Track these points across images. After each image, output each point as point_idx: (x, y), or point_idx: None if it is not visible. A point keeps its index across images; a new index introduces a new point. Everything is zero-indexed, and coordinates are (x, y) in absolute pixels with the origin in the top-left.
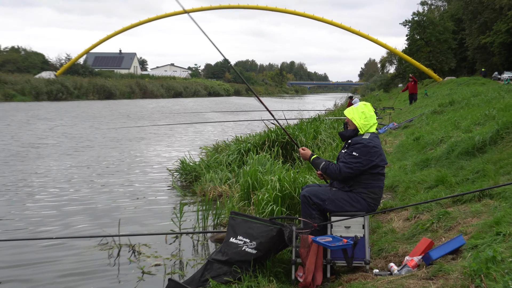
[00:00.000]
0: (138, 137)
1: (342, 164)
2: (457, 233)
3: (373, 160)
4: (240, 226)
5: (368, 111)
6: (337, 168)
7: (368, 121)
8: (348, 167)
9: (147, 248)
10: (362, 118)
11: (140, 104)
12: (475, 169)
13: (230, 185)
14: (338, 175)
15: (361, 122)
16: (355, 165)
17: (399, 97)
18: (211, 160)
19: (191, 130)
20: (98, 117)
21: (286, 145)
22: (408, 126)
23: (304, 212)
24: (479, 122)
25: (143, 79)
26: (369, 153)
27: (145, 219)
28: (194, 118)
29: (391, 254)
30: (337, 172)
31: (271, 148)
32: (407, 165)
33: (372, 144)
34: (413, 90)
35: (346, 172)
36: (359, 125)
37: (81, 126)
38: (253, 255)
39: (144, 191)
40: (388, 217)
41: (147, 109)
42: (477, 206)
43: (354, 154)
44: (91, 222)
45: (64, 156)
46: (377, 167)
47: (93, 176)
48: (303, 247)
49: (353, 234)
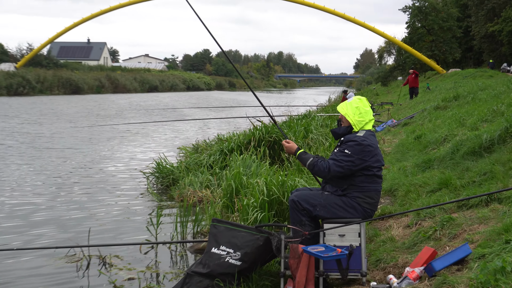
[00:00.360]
0: (108, 137)
1: (332, 161)
2: (463, 241)
3: (366, 160)
4: (222, 235)
5: (363, 106)
6: (326, 165)
7: (363, 117)
8: (338, 165)
9: (119, 260)
10: (356, 114)
11: (110, 99)
12: (482, 171)
13: (211, 190)
14: (326, 174)
15: (355, 118)
16: (346, 164)
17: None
18: (190, 161)
19: (168, 128)
20: (64, 114)
21: (274, 144)
22: (409, 123)
23: (294, 219)
24: (486, 118)
25: (114, 72)
26: (362, 152)
27: (117, 227)
28: (172, 115)
29: (390, 265)
30: (326, 171)
31: (257, 148)
32: (407, 166)
33: (367, 143)
34: (413, 84)
35: (336, 171)
36: (353, 122)
37: (45, 125)
38: (237, 267)
39: (116, 197)
40: (387, 224)
41: (119, 105)
42: (485, 212)
43: (346, 152)
44: (57, 231)
45: (25, 158)
46: (372, 168)
47: (59, 181)
48: (292, 257)
49: (348, 243)
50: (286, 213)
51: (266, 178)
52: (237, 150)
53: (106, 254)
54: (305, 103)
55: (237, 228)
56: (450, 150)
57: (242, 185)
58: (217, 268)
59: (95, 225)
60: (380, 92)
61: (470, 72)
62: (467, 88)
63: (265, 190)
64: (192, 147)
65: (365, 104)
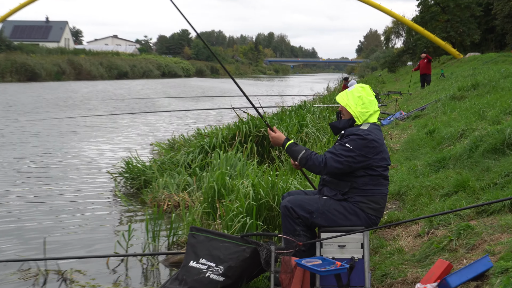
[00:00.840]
0: (70, 131)
1: (330, 155)
2: (483, 253)
3: (369, 158)
4: (202, 246)
5: (366, 95)
6: (321, 159)
7: (367, 108)
8: (336, 160)
9: (81, 275)
10: (358, 104)
11: (72, 87)
12: (505, 171)
13: (190, 193)
14: (322, 169)
15: (357, 109)
16: (345, 159)
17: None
18: (165, 160)
19: (140, 122)
20: (17, 104)
21: (263, 140)
22: (420, 116)
23: (286, 228)
24: (510, 111)
25: (76, 56)
26: (365, 148)
27: (80, 238)
28: (144, 107)
29: (397, 281)
30: (322, 165)
31: (243, 144)
32: (418, 166)
33: (371, 137)
34: (425, 70)
35: (333, 167)
36: (355, 114)
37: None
38: (220, 283)
39: (78, 202)
40: (394, 233)
41: (82, 94)
42: (508, 219)
43: (347, 146)
44: (8, 242)
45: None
46: (377, 168)
47: (10, 184)
48: (284, 272)
49: (349, 256)
50: (277, 220)
51: (253, 179)
52: (220, 146)
53: (67, 269)
54: (300, 93)
55: (220, 238)
56: (468, 147)
57: (225, 188)
58: (196, 285)
59: (53, 235)
60: (387, 80)
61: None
62: (487, 75)
63: (252, 193)
64: (168, 143)
65: (368, 93)
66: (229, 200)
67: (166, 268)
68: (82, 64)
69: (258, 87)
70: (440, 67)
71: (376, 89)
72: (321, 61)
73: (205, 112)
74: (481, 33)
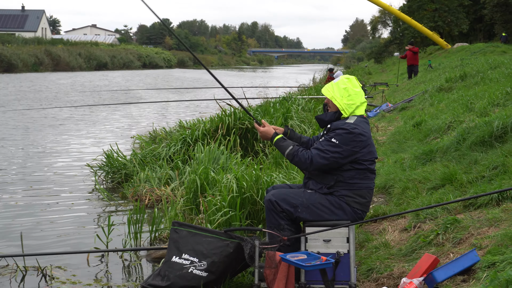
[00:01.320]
0: (48, 124)
1: (316, 152)
2: (470, 247)
3: (357, 152)
4: (185, 241)
5: (352, 87)
6: (308, 156)
7: (353, 100)
8: (322, 157)
9: (62, 271)
10: (344, 96)
11: (50, 78)
12: (493, 164)
13: (172, 187)
14: (308, 166)
15: (343, 102)
16: (332, 156)
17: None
18: (147, 153)
19: (120, 114)
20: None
21: (246, 132)
22: (407, 108)
23: (270, 222)
24: (498, 102)
25: (54, 46)
26: (352, 142)
27: (59, 233)
28: (124, 98)
29: (384, 275)
30: (308, 162)
31: (226, 137)
32: (404, 158)
33: (358, 131)
34: (413, 61)
35: (319, 163)
36: (341, 106)
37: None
38: (203, 279)
39: (58, 197)
40: (380, 227)
41: (60, 85)
42: (495, 212)
43: (333, 141)
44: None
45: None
46: (364, 161)
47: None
48: (269, 267)
49: (334, 250)
50: (261, 215)
51: (236, 173)
52: (203, 139)
53: (46, 265)
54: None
55: (203, 233)
56: (455, 139)
57: (208, 182)
58: (179, 281)
59: (32, 231)
60: (373, 71)
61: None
62: (475, 66)
63: (235, 187)
64: (149, 136)
65: (354, 84)
66: (212, 194)
67: (149, 264)
68: (60, 54)
69: (242, 78)
70: (427, 57)
71: (362, 80)
72: (306, 52)
73: (188, 104)
74: (470, 22)
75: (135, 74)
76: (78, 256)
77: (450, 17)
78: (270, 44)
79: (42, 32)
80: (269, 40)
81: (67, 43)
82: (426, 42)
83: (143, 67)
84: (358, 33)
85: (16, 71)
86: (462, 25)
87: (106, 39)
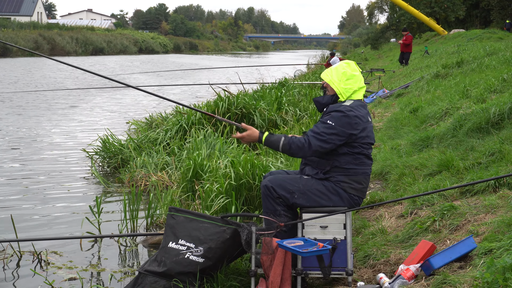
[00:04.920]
0: (43, 108)
1: (312, 134)
2: (466, 234)
3: (352, 134)
4: (182, 227)
5: (351, 71)
6: (304, 140)
7: (351, 84)
8: (320, 139)
9: (57, 257)
10: (342, 80)
11: (46, 63)
12: (490, 151)
13: (168, 172)
14: (307, 150)
15: (341, 86)
16: (329, 137)
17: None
18: (143, 138)
19: (117, 99)
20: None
21: (243, 118)
22: (403, 94)
23: (267, 208)
24: (495, 89)
25: (50, 31)
26: (348, 125)
27: (55, 218)
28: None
29: (380, 262)
30: (306, 146)
31: (221, 122)
32: (401, 145)
33: (354, 114)
34: (406, 49)
35: (318, 146)
36: (338, 90)
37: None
38: (199, 265)
39: (54, 181)
40: (377, 213)
41: (56, 71)
42: (492, 199)
43: (329, 123)
44: None
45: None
46: (361, 145)
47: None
48: (265, 253)
49: (331, 236)
50: (258, 201)
51: (232, 159)
52: (199, 124)
53: (42, 250)
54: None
55: (199, 219)
56: (452, 126)
57: (203, 168)
58: (176, 267)
59: (29, 216)
60: (370, 57)
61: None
62: (472, 53)
63: (232, 173)
64: (146, 121)
65: (353, 68)
66: (208, 180)
67: (145, 249)
68: (56, 39)
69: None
70: (424, 44)
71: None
72: (302, 37)
73: (185, 89)
74: (466, 8)
75: (132, 59)
76: (74, 242)
77: (446, 3)
78: (266, 29)
79: (37, 16)
80: (266, 25)
81: (63, 27)
82: (423, 28)
83: (139, 52)
84: (355, 18)
85: (11, 56)
86: (459, 11)
87: (102, 24)
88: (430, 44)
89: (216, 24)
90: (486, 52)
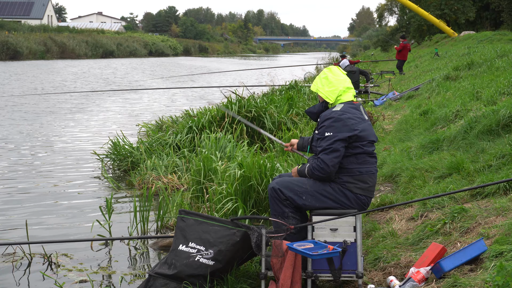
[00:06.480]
0: (55, 111)
1: (322, 154)
2: (477, 236)
3: (353, 131)
4: (192, 230)
5: (332, 75)
6: (320, 161)
7: (334, 85)
8: (329, 152)
9: (68, 259)
10: (325, 85)
11: (57, 66)
12: (501, 153)
13: (179, 175)
14: (327, 169)
15: (325, 90)
16: (335, 146)
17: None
18: (154, 141)
19: (127, 102)
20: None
21: (252, 121)
22: (413, 96)
23: (274, 210)
24: (505, 91)
25: (60, 33)
26: (345, 127)
27: (66, 220)
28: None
29: (391, 265)
30: (323, 167)
31: (232, 125)
32: (411, 147)
33: (347, 116)
34: (398, 56)
35: (331, 159)
36: (324, 95)
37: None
38: (210, 267)
39: (64, 184)
40: (387, 216)
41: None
42: (503, 202)
43: (328, 135)
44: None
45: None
46: (362, 145)
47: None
48: (275, 256)
49: (341, 239)
50: (266, 203)
51: (239, 161)
52: (209, 127)
53: (52, 252)
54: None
55: (210, 222)
56: (463, 128)
57: (213, 171)
58: (186, 269)
59: (39, 218)
60: (380, 59)
61: (487, 35)
62: (482, 55)
63: (238, 175)
64: (156, 124)
65: (335, 72)
66: (217, 183)
67: (155, 252)
68: (66, 42)
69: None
70: (434, 46)
71: (368, 69)
72: (312, 40)
73: (195, 93)
74: (476, 10)
75: (142, 61)
76: (84, 244)
77: (456, 5)
78: (276, 32)
79: (48, 19)
80: (275, 28)
81: (73, 30)
82: (433, 30)
83: (149, 55)
84: (365, 21)
85: (22, 59)
86: (469, 13)
87: (112, 27)
88: (440, 46)
89: (226, 27)
90: (496, 54)
